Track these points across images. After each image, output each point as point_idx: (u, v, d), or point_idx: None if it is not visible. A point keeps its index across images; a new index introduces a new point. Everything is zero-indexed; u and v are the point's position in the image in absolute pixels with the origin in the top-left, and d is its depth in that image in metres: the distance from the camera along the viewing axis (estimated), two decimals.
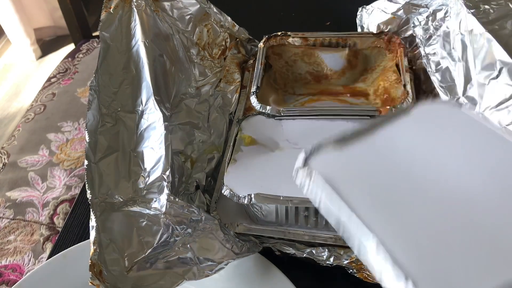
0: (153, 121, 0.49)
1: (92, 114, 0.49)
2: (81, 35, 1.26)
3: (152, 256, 0.43)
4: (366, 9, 0.67)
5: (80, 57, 1.19)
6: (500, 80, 0.45)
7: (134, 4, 0.56)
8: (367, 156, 0.27)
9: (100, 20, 0.54)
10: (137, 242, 0.43)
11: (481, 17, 0.49)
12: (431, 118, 0.29)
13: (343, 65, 0.61)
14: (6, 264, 0.74)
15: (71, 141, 0.95)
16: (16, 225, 0.80)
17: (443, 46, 0.54)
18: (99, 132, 0.48)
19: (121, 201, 0.45)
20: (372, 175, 0.26)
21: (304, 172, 0.26)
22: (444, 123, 0.29)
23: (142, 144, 0.49)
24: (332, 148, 0.27)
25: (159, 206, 0.45)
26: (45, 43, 1.92)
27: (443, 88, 0.51)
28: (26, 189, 0.86)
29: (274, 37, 0.63)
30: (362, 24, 0.68)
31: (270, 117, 0.55)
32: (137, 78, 0.52)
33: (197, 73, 0.60)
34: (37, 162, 0.91)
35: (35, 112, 1.04)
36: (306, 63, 0.62)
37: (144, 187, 0.46)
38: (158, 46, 0.55)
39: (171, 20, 0.60)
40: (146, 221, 0.44)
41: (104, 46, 0.53)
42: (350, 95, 0.60)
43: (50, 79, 1.13)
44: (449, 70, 0.52)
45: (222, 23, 0.65)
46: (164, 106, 0.50)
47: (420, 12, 0.61)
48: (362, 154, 0.27)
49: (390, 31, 0.64)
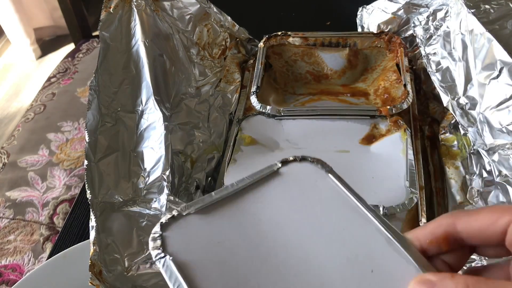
0: (153, 121, 0.49)
1: (92, 114, 0.49)
2: (81, 35, 1.26)
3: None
4: (367, 9, 0.67)
5: (80, 57, 1.19)
6: (500, 80, 0.45)
7: (134, 4, 0.56)
8: (227, 235, 0.25)
9: (100, 20, 0.54)
10: (137, 242, 0.43)
11: (481, 17, 0.49)
12: (299, 181, 0.28)
13: (344, 65, 0.61)
14: (6, 264, 0.74)
15: (71, 141, 0.95)
16: (16, 225, 0.80)
17: (444, 46, 0.54)
18: (99, 132, 0.48)
19: (121, 201, 0.45)
20: (232, 256, 0.24)
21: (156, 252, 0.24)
22: (309, 191, 0.27)
23: (142, 144, 0.49)
24: (194, 216, 0.25)
25: (159, 206, 0.45)
26: (45, 43, 1.92)
27: (443, 88, 0.51)
28: (26, 189, 0.86)
29: (274, 36, 0.63)
30: (363, 24, 0.68)
31: (270, 117, 0.54)
32: (137, 78, 0.52)
33: (197, 73, 0.60)
34: (37, 162, 0.91)
35: (35, 112, 1.04)
36: (306, 63, 0.62)
37: (144, 187, 0.46)
38: (158, 46, 0.55)
39: (171, 20, 0.60)
40: (146, 221, 0.44)
41: (104, 46, 0.53)
42: (350, 95, 0.60)
43: (50, 79, 1.13)
44: (450, 70, 0.52)
45: (222, 23, 0.65)
46: (164, 106, 0.50)
47: (420, 12, 0.61)
48: (223, 231, 0.25)
49: (391, 31, 0.64)
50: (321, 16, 0.79)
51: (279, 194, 0.27)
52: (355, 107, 0.57)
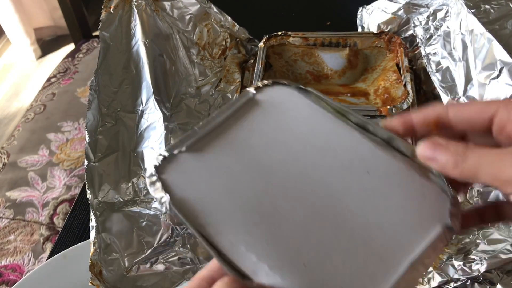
0: (153, 121, 0.49)
1: (92, 114, 0.49)
2: (81, 35, 1.26)
3: (152, 256, 0.43)
4: (367, 9, 0.67)
5: (80, 57, 1.19)
6: (500, 80, 0.45)
7: (134, 4, 0.56)
8: (225, 164, 0.25)
9: (100, 20, 0.54)
10: (137, 242, 0.43)
11: (481, 17, 0.49)
12: (277, 105, 0.28)
13: (344, 65, 0.61)
14: (6, 264, 0.74)
15: (71, 141, 0.95)
16: (16, 225, 0.80)
17: (444, 46, 0.54)
18: (99, 132, 0.48)
19: (121, 201, 0.45)
20: (236, 184, 0.24)
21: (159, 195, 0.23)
22: (289, 112, 0.28)
23: (142, 144, 0.49)
24: (185, 154, 0.25)
25: (159, 206, 0.45)
26: (45, 43, 1.92)
27: (443, 88, 0.51)
28: (26, 189, 0.86)
29: (274, 36, 0.63)
30: (363, 24, 0.68)
31: None
32: (137, 78, 0.52)
33: (197, 73, 0.60)
34: (37, 162, 0.91)
35: (35, 112, 1.04)
36: (307, 63, 0.62)
37: (144, 187, 0.46)
38: (158, 46, 0.55)
39: (171, 20, 0.60)
40: (146, 221, 0.44)
41: (104, 46, 0.53)
42: (351, 95, 0.60)
43: (50, 79, 1.13)
44: (450, 70, 0.52)
45: (222, 23, 0.65)
46: (164, 106, 0.50)
47: (420, 12, 0.61)
48: (219, 162, 0.25)
49: (391, 31, 0.64)
50: (321, 16, 0.79)
51: (262, 120, 0.27)
52: (355, 107, 0.56)
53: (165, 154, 0.25)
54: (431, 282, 0.41)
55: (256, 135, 0.27)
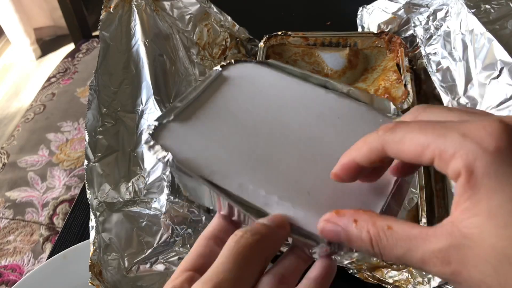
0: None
1: (92, 114, 0.49)
2: (81, 35, 1.26)
3: (152, 256, 0.43)
4: (367, 8, 0.67)
5: (80, 57, 1.19)
6: (501, 80, 0.45)
7: (134, 4, 0.55)
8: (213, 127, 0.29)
9: (100, 19, 0.54)
10: (137, 242, 0.43)
11: (481, 17, 0.49)
12: (245, 77, 0.32)
13: (344, 65, 0.61)
14: (6, 264, 0.74)
15: (71, 141, 0.95)
16: (15, 225, 0.80)
17: (444, 46, 0.54)
18: (99, 132, 0.48)
19: (121, 201, 0.45)
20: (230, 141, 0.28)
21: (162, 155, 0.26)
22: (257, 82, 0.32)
23: (142, 144, 0.49)
24: (174, 123, 0.28)
25: (159, 206, 0.45)
26: (45, 43, 1.92)
27: (443, 88, 0.51)
28: (25, 189, 0.86)
29: (274, 36, 0.63)
30: (363, 24, 0.68)
31: None
32: (137, 78, 0.52)
33: (197, 73, 0.60)
34: (37, 162, 0.91)
35: (35, 112, 1.04)
36: (307, 63, 0.62)
37: (144, 187, 0.46)
38: (158, 45, 0.54)
39: (171, 19, 0.60)
40: (146, 221, 0.44)
41: (104, 45, 0.53)
42: None
43: (50, 79, 1.13)
44: (450, 70, 0.52)
45: (222, 23, 0.65)
46: (164, 106, 0.50)
47: (420, 12, 0.61)
48: (207, 126, 0.29)
49: (391, 30, 0.64)
50: (321, 16, 0.79)
51: (235, 90, 0.31)
52: None
53: (155, 123, 0.28)
54: (431, 282, 0.41)
55: (234, 102, 0.30)
